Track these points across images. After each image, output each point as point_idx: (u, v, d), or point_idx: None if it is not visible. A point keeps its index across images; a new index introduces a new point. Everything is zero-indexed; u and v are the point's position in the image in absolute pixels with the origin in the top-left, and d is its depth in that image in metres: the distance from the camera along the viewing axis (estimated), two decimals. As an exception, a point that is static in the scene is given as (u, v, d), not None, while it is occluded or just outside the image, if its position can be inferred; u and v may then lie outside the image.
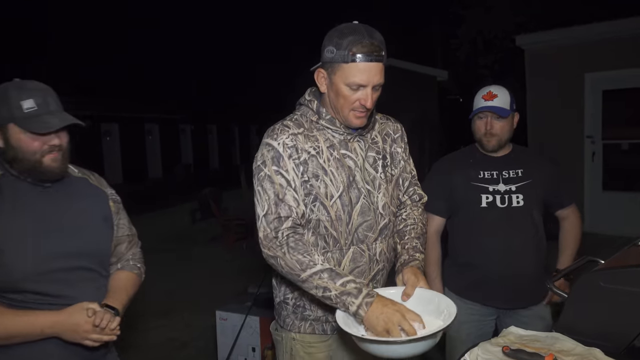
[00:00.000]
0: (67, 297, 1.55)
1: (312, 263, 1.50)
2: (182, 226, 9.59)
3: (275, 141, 1.61)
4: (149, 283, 2.08)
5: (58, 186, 1.63)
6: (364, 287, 1.48)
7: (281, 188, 1.57)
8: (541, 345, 1.43)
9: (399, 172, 1.82)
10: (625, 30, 6.74)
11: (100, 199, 1.74)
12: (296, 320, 1.76)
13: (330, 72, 1.58)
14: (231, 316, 3.54)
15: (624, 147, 7.25)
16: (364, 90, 1.56)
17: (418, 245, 1.73)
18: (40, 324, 1.48)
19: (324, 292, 1.48)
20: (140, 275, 1.86)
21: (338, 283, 1.47)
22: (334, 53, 1.53)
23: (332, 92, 1.61)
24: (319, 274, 1.49)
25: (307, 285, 1.51)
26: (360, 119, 1.62)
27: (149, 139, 23.21)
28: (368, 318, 1.42)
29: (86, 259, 1.63)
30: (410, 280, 1.58)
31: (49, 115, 1.53)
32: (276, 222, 1.55)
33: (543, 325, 2.27)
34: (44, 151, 1.54)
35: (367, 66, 1.52)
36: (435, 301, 1.54)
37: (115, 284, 1.72)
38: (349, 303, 1.45)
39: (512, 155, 2.35)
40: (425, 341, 1.36)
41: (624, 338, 1.42)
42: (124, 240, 1.81)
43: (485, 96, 2.26)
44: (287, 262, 1.52)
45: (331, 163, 1.64)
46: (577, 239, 2.40)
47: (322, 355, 1.76)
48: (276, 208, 1.56)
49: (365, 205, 1.67)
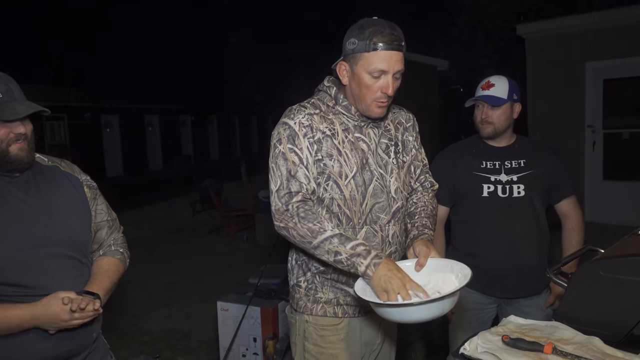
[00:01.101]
0: (45, 287, 1.52)
1: (322, 230, 1.56)
2: (182, 218, 9.58)
3: (292, 120, 1.67)
4: (150, 274, 2.09)
5: (27, 176, 1.61)
6: (372, 249, 1.54)
7: (294, 165, 1.64)
8: (541, 334, 1.44)
9: (410, 160, 1.88)
10: (626, 19, 6.70)
11: (73, 186, 1.71)
12: (308, 303, 1.80)
13: (352, 63, 1.64)
14: (232, 307, 3.55)
15: (625, 136, 7.23)
16: (385, 77, 1.62)
17: (428, 224, 1.78)
18: (17, 318, 1.45)
19: (335, 257, 1.54)
20: (124, 260, 1.81)
21: (348, 247, 1.53)
22: (356, 44, 1.60)
23: (354, 82, 1.66)
24: (329, 239, 1.54)
25: (319, 251, 1.57)
26: (381, 108, 1.68)
27: (149, 131, 23.21)
28: (375, 278, 1.48)
29: (63, 247, 1.60)
30: (422, 251, 1.62)
31: (15, 103, 1.51)
32: (287, 197, 1.61)
33: (544, 316, 2.28)
34: (10, 139, 1.52)
35: (389, 54, 1.59)
36: (448, 267, 1.58)
37: (96, 271, 1.69)
38: (358, 264, 1.51)
39: (516, 146, 2.36)
40: (441, 302, 1.37)
41: (623, 327, 1.42)
42: (104, 226, 1.79)
43: (483, 85, 2.30)
44: (299, 231, 1.58)
45: (345, 145, 1.70)
46: (579, 238, 2.37)
47: (335, 338, 1.78)
48: (288, 183, 1.63)
49: (378, 187, 1.73)
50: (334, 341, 1.78)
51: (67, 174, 1.72)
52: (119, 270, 1.76)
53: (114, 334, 4.18)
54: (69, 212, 1.66)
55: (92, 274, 1.68)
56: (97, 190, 1.81)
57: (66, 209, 1.65)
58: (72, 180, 1.72)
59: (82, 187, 1.74)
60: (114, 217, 1.85)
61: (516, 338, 1.39)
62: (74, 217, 1.67)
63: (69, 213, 1.66)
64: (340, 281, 1.76)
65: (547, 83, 7.46)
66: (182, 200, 11.25)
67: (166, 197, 12.93)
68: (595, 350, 1.32)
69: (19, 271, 1.50)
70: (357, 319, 1.80)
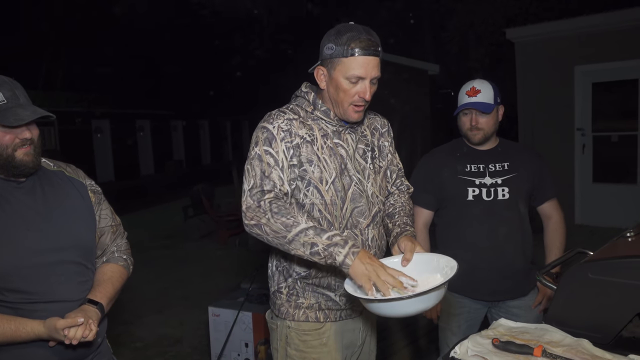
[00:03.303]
0: (51, 293, 1.53)
1: (296, 223, 1.54)
2: (174, 223, 9.54)
3: (271, 125, 1.68)
4: (142, 280, 2.08)
5: (33, 181, 1.60)
6: (349, 239, 1.54)
7: (268, 167, 1.64)
8: (530, 337, 1.45)
9: (386, 165, 1.90)
10: (615, 23, 6.78)
11: (78, 191, 1.71)
12: (290, 309, 1.80)
13: (330, 68, 1.66)
14: (224, 312, 3.54)
15: (614, 139, 7.31)
16: (362, 82, 1.64)
17: (408, 221, 1.80)
18: (24, 335, 1.48)
19: (311, 249, 1.52)
20: (128, 267, 1.82)
21: (324, 237, 1.52)
22: (334, 49, 1.62)
23: (331, 87, 1.69)
24: (304, 232, 1.53)
25: (294, 245, 1.55)
26: (358, 113, 1.70)
27: (140, 136, 23.11)
28: (354, 266, 1.47)
29: (68, 253, 1.61)
30: (407, 246, 1.64)
31: (20, 108, 1.51)
32: (259, 194, 1.61)
33: (533, 316, 2.30)
34: (16, 145, 1.51)
35: (366, 60, 1.61)
36: (434, 260, 1.59)
37: (100, 277, 1.70)
38: (336, 253, 1.49)
39: (499, 149, 2.37)
40: (431, 294, 1.38)
41: (612, 329, 1.44)
42: (107, 231, 1.78)
43: (469, 92, 2.28)
44: (272, 226, 1.56)
45: (324, 151, 1.71)
46: (562, 239, 2.40)
47: (317, 343, 1.79)
48: (261, 182, 1.62)
49: (357, 192, 1.74)
50: (315, 345, 1.79)
51: (72, 179, 1.72)
52: (123, 277, 1.78)
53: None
54: (74, 218, 1.65)
55: (96, 281, 1.69)
56: (102, 195, 1.81)
57: (72, 214, 1.65)
58: (77, 186, 1.72)
59: (87, 192, 1.74)
60: (118, 222, 1.85)
61: (506, 341, 1.39)
62: (79, 222, 1.67)
63: (75, 219, 1.66)
64: (322, 286, 1.77)
65: (536, 87, 7.53)
66: (173, 205, 11.21)
67: (158, 202, 12.88)
68: (584, 353, 1.33)
69: (25, 277, 1.51)
70: (338, 323, 1.81)
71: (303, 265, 1.74)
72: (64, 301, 1.57)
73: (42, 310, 1.53)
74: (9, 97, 1.51)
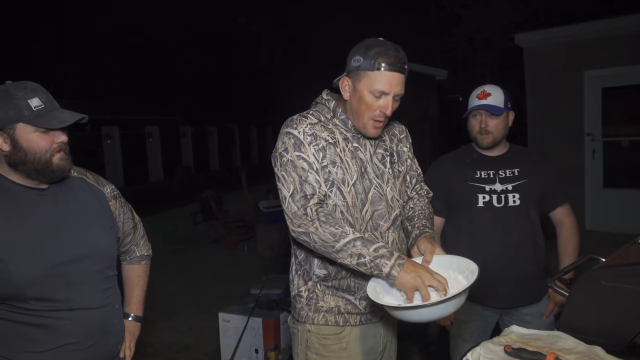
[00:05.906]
0: (75, 300, 1.55)
1: (344, 233, 1.57)
2: (183, 228, 9.57)
3: (296, 130, 1.70)
4: (151, 285, 2.11)
5: (55, 188, 1.61)
6: (395, 251, 1.57)
7: (304, 171, 1.66)
8: (543, 344, 1.44)
9: (405, 170, 1.92)
10: (624, 27, 6.74)
11: (97, 199, 1.72)
12: (310, 312, 1.81)
13: (355, 80, 1.68)
14: (234, 318, 3.54)
15: (624, 144, 7.25)
16: (385, 98, 1.66)
17: (427, 224, 1.82)
18: None
19: (358, 259, 1.55)
20: (149, 260, 2.01)
21: (371, 249, 1.55)
22: (361, 62, 1.65)
23: (354, 99, 1.71)
24: (352, 242, 1.56)
25: (341, 254, 1.58)
26: (377, 129, 1.73)
27: (149, 142, 23.23)
28: (400, 277, 1.51)
29: (91, 260, 1.62)
30: (427, 248, 1.66)
31: (58, 112, 1.53)
32: (303, 200, 1.63)
33: (545, 323, 2.28)
34: (54, 150, 1.53)
35: (391, 75, 1.64)
36: (454, 263, 1.61)
37: (129, 284, 1.93)
38: (382, 265, 1.53)
39: (509, 155, 2.36)
40: (454, 300, 1.41)
41: (625, 336, 1.42)
42: (130, 232, 1.88)
43: (479, 95, 2.28)
44: (320, 235, 1.59)
45: (346, 153, 1.74)
46: (575, 245, 2.38)
47: (337, 347, 1.80)
48: (301, 187, 1.64)
49: (377, 195, 1.77)
50: (335, 350, 1.79)
51: (93, 186, 1.73)
52: (147, 274, 2.00)
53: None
54: (96, 225, 1.68)
55: (127, 288, 1.92)
56: (122, 198, 1.84)
57: (93, 222, 1.67)
58: (97, 194, 1.73)
59: (107, 200, 1.75)
60: (137, 219, 1.93)
61: (518, 348, 1.39)
62: (100, 230, 1.69)
63: (96, 226, 1.68)
64: (341, 289, 1.78)
65: (546, 92, 7.49)
66: (182, 210, 11.24)
67: (167, 207, 12.92)
68: (597, 360, 1.32)
69: (48, 286, 1.52)
70: (358, 328, 1.81)
71: (322, 267, 1.76)
72: (87, 309, 1.60)
73: (66, 318, 1.56)
74: (46, 100, 1.53)
